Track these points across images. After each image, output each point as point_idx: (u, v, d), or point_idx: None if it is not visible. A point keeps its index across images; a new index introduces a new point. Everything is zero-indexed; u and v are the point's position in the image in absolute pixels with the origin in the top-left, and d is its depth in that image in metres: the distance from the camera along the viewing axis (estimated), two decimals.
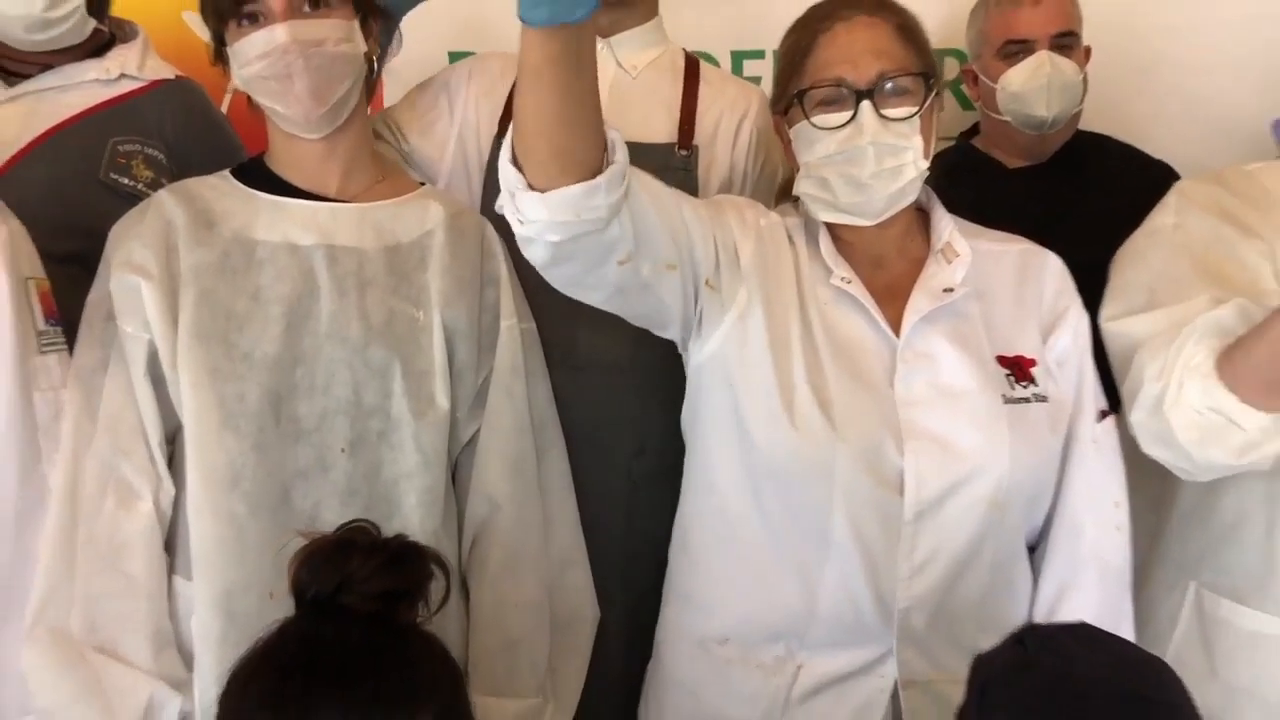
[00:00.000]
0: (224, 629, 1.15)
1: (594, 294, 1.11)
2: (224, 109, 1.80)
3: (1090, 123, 1.98)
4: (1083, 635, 0.86)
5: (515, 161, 0.98)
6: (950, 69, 2.14)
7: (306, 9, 1.18)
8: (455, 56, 2.04)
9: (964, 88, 1.99)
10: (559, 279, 1.09)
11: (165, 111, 1.53)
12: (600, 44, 1.39)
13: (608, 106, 1.00)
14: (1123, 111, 2.06)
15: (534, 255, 1.04)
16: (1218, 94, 2.06)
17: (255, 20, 1.18)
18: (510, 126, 1.00)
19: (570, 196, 0.96)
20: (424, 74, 1.62)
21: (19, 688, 1.13)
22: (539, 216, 0.98)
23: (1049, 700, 0.80)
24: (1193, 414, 1.06)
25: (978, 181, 1.82)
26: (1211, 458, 1.07)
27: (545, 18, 0.87)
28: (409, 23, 1.51)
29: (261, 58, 1.17)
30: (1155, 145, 1.92)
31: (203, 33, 1.85)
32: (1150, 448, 1.13)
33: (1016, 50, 1.78)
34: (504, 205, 1.02)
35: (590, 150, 0.97)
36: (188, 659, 1.19)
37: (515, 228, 1.02)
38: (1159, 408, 1.09)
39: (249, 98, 1.25)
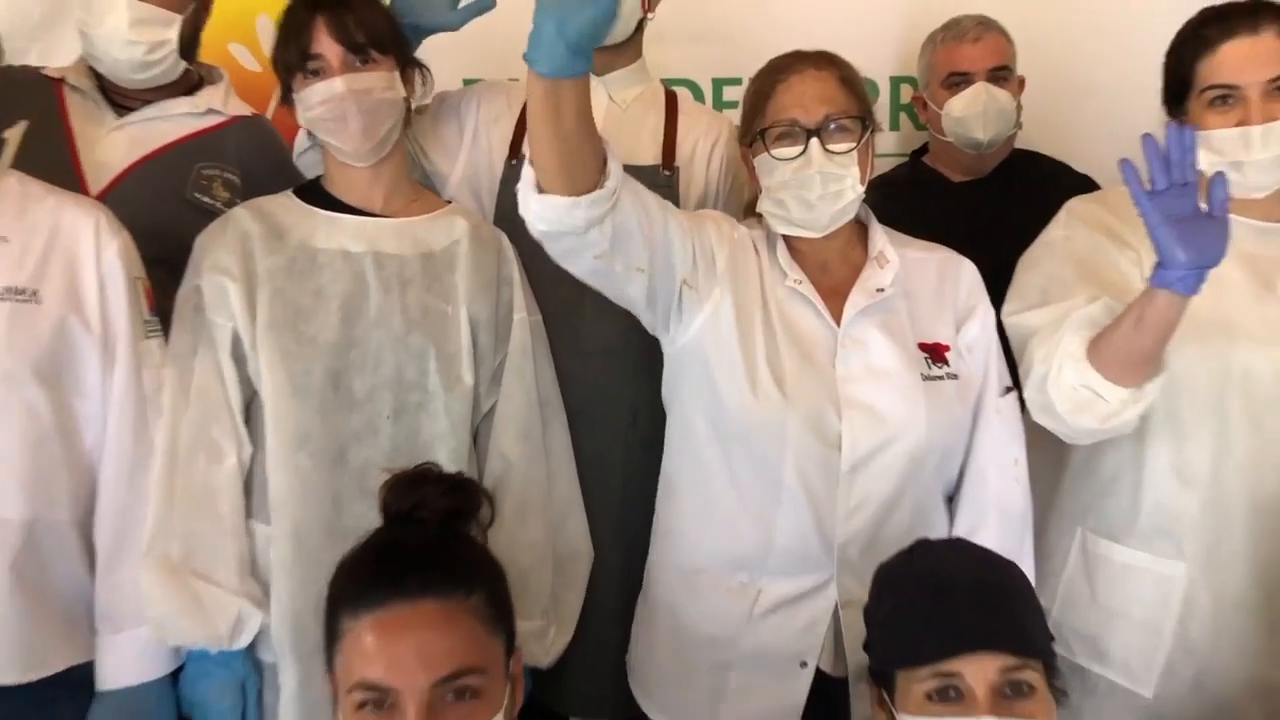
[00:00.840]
0: (294, 558, 1.42)
1: (577, 270, 1.35)
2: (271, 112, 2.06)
3: (1031, 141, 2.22)
4: (956, 545, 1.14)
5: (538, 178, 1.23)
6: (906, 94, 2.40)
7: (357, 64, 1.44)
8: (469, 83, 2.18)
9: (916, 111, 2.26)
10: (553, 252, 1.32)
11: (241, 142, 1.76)
12: (595, 82, 1.63)
13: (602, 134, 1.24)
14: (1058, 132, 2.30)
15: (533, 232, 1.29)
16: (1142, 116, 2.31)
17: (317, 74, 1.44)
18: (524, 144, 1.26)
19: (557, 205, 1.21)
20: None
21: (138, 602, 1.41)
22: (534, 209, 1.24)
23: (922, 586, 1.08)
24: (1069, 390, 1.33)
25: (925, 193, 2.09)
26: (1082, 424, 1.34)
27: (547, 71, 1.12)
28: (428, 50, 1.69)
29: (322, 104, 1.44)
30: (1085, 162, 2.14)
31: (249, 63, 2.13)
32: (1038, 417, 1.41)
33: (958, 81, 2.02)
34: (523, 210, 1.27)
35: (584, 171, 1.21)
36: (264, 585, 1.46)
37: (535, 225, 1.26)
38: (1044, 385, 1.36)
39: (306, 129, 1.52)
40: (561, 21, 1.08)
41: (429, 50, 1.72)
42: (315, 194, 1.53)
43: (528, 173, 1.23)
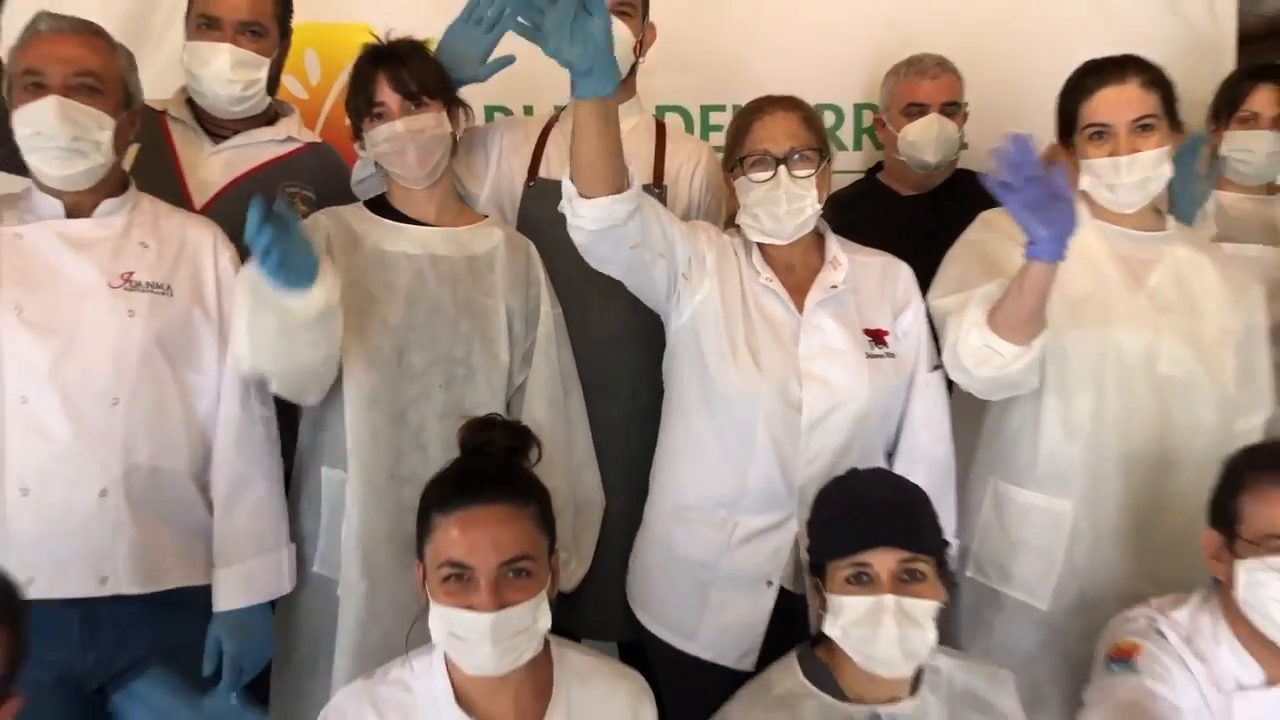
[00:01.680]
0: (364, 494, 1.76)
1: (614, 269, 1.72)
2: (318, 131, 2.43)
3: (976, 162, 2.60)
4: (876, 471, 1.52)
5: (573, 178, 1.59)
6: (868, 119, 2.77)
7: (413, 108, 1.79)
8: (490, 108, 2.61)
9: (876, 130, 2.61)
10: (593, 257, 1.69)
11: (314, 165, 2.10)
12: None
13: None
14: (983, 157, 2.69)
15: (579, 239, 1.65)
16: None
17: (381, 117, 1.79)
18: (540, 170, 1.73)
19: (603, 203, 1.58)
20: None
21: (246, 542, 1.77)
22: (585, 213, 1.60)
23: (846, 500, 1.46)
24: (973, 348, 1.69)
25: (878, 205, 2.44)
26: (984, 374, 1.70)
27: (589, 94, 1.50)
28: None
29: (386, 141, 1.79)
30: None
31: (298, 91, 2.46)
32: (953, 374, 1.77)
33: (915, 111, 2.37)
34: (564, 206, 1.63)
35: (616, 176, 1.58)
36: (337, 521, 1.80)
37: (570, 219, 1.62)
38: (955, 348, 1.73)
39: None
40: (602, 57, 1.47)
41: None
42: (382, 207, 1.88)
43: (569, 188, 1.59)
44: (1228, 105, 2.45)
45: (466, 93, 1.98)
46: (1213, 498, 1.56)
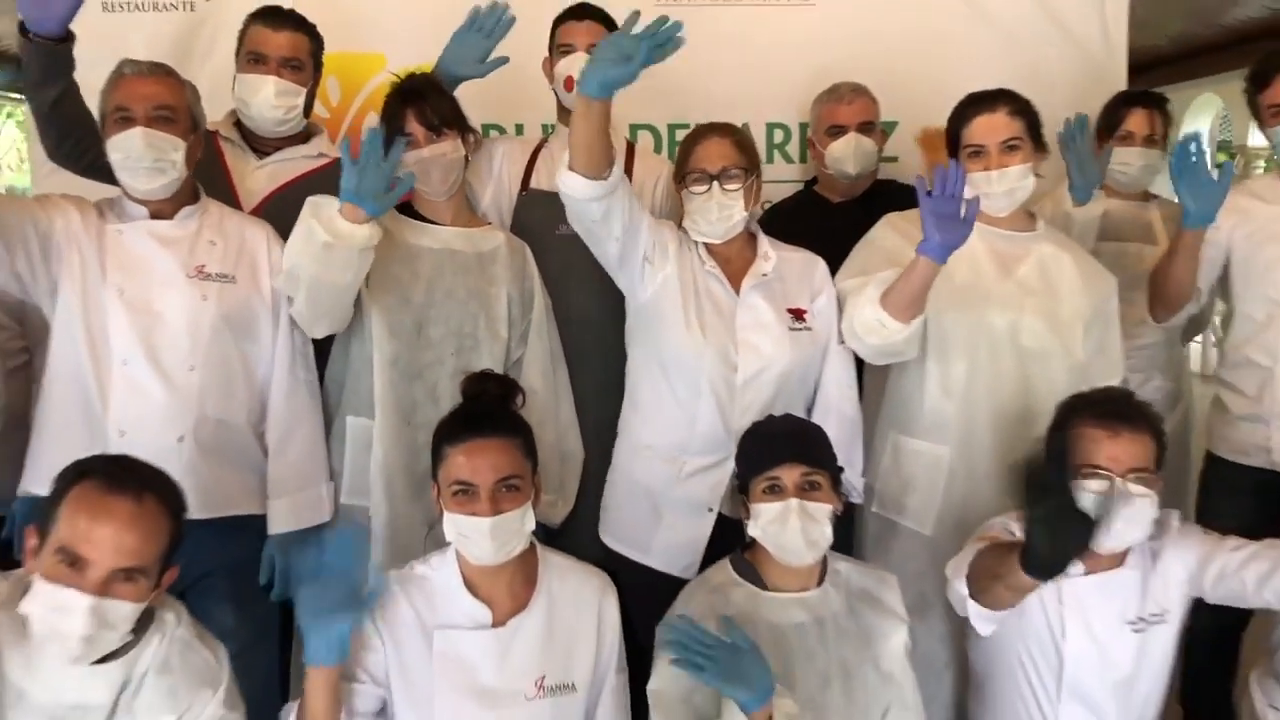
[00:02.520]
0: (386, 435, 2.19)
1: (579, 230, 2.11)
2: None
3: (903, 171, 3.06)
4: (786, 417, 1.99)
5: (570, 161, 1.95)
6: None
7: (434, 137, 2.21)
8: (486, 125, 3.01)
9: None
10: (570, 215, 2.06)
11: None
12: None
13: None
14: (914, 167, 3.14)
15: (568, 207, 2.04)
16: None
17: (409, 145, 2.19)
18: (531, 181, 2.20)
19: (580, 181, 1.95)
20: None
21: (294, 478, 2.21)
22: (567, 180, 1.97)
23: (763, 433, 1.93)
24: (866, 320, 2.13)
25: (815, 210, 2.88)
26: (871, 342, 2.15)
27: (595, 95, 1.87)
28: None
29: (414, 165, 2.20)
30: None
31: (320, 110, 2.89)
32: (849, 341, 2.23)
33: (836, 131, 2.78)
34: (558, 178, 2.00)
35: (599, 163, 1.94)
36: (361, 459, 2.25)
37: (561, 189, 2.00)
38: (852, 319, 2.18)
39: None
40: (605, 73, 1.85)
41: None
42: (409, 210, 2.32)
43: (565, 157, 1.99)
44: (1108, 125, 2.91)
45: (466, 112, 2.37)
46: (1047, 435, 2.01)
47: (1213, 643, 2.68)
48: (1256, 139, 7.66)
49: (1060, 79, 3.21)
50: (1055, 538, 1.62)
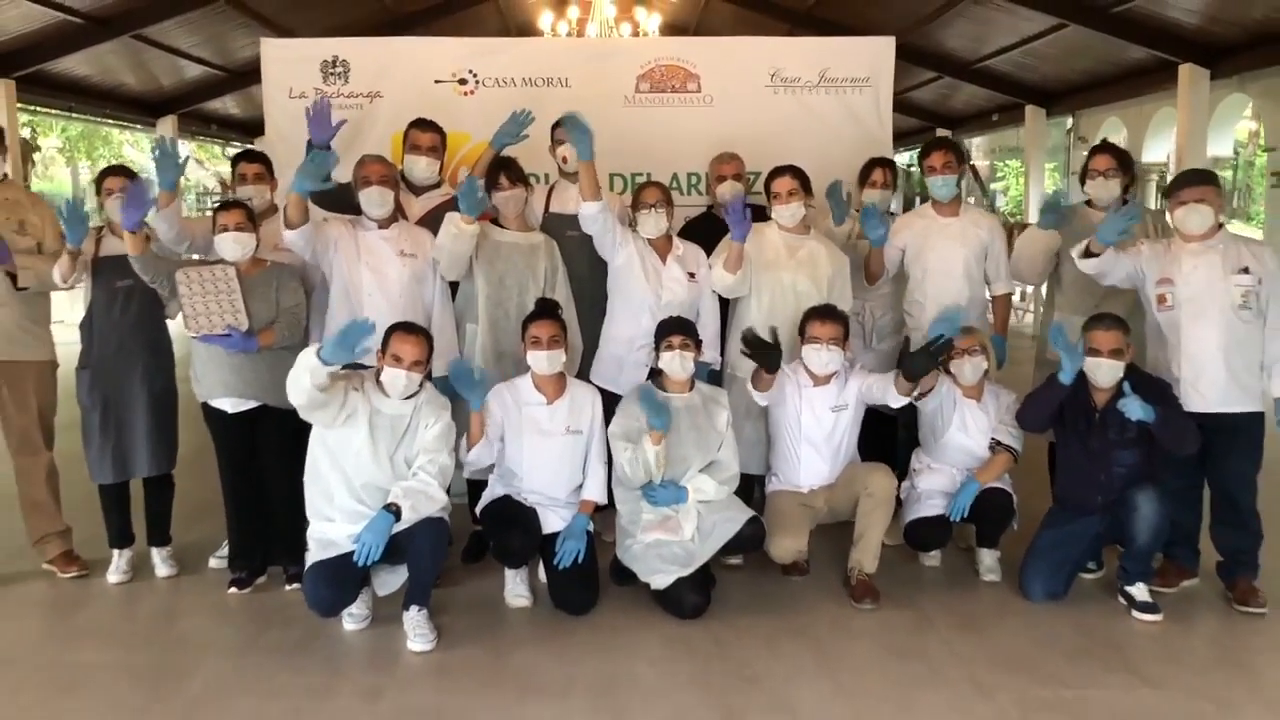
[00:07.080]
0: (488, 335, 4.55)
1: (595, 231, 4.51)
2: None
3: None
4: (677, 317, 4.40)
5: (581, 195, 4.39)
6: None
7: (510, 186, 4.59)
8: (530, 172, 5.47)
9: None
10: (590, 228, 4.51)
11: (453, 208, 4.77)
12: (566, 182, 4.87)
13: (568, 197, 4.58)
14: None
15: (581, 220, 4.49)
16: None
17: (498, 189, 4.62)
18: (551, 207, 4.70)
19: (594, 205, 4.36)
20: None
21: None
22: (586, 208, 4.40)
23: (662, 325, 4.34)
24: (717, 273, 4.59)
25: (712, 223, 5.07)
26: (717, 285, 4.61)
27: (585, 158, 4.30)
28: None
29: (501, 203, 4.62)
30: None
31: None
32: (715, 287, 4.67)
33: (722, 179, 5.07)
34: (579, 208, 4.45)
35: (598, 194, 4.34)
36: (472, 347, 4.63)
37: (580, 211, 4.45)
38: (711, 273, 4.61)
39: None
40: (584, 149, 4.29)
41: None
42: (496, 222, 4.66)
43: (574, 194, 4.46)
44: (862, 178, 5.23)
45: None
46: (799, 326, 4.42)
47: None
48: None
49: (851, 147, 5.49)
50: (766, 360, 4.09)
